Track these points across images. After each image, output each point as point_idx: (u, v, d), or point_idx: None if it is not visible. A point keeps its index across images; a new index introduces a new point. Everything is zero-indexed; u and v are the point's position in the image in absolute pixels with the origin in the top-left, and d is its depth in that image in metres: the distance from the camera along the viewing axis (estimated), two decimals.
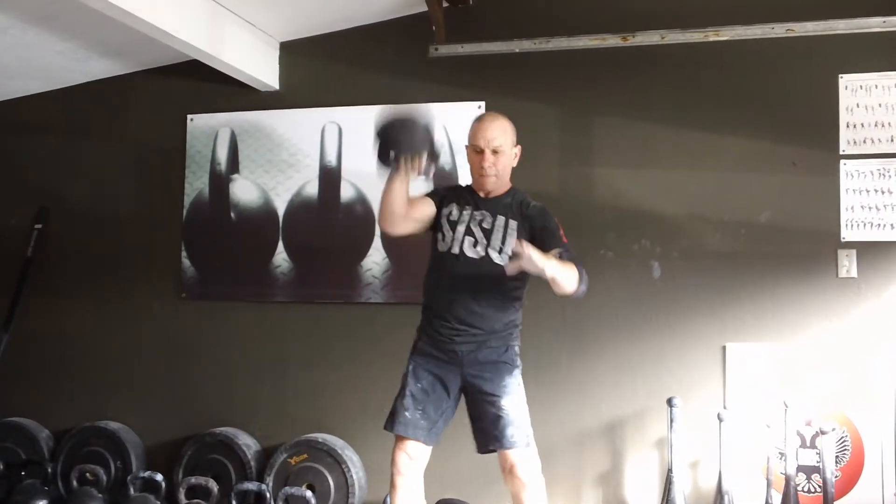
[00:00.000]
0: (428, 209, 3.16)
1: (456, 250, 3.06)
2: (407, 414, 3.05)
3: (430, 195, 3.21)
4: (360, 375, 4.47)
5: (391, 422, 3.08)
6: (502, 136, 3.09)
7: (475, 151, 3.10)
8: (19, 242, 5.05)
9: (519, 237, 2.99)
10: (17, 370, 4.95)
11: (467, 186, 3.24)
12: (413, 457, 3.06)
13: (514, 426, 3.00)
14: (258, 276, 4.73)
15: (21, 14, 4.15)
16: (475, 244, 3.05)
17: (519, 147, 3.17)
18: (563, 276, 2.81)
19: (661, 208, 4.23)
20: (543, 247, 2.87)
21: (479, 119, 3.18)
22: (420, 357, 3.12)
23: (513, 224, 3.07)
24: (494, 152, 3.07)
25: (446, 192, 3.24)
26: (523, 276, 3.01)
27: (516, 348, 3.13)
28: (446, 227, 3.11)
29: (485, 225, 3.08)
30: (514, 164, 3.17)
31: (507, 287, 3.06)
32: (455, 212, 3.13)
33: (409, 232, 3.14)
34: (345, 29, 4.67)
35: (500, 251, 3.03)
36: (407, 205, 3.04)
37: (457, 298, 3.05)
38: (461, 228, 3.08)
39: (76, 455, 4.70)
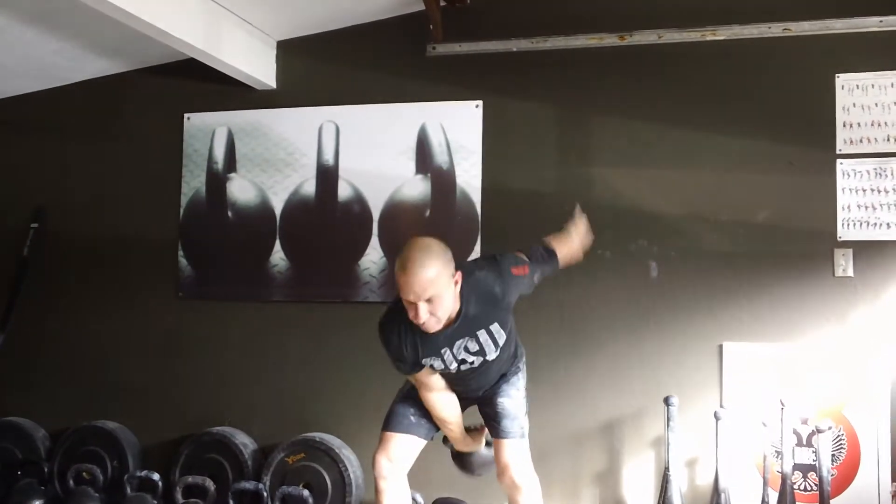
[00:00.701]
0: (434, 376, 3.00)
1: (453, 369, 2.91)
2: (412, 418, 3.06)
3: (413, 367, 2.91)
4: (358, 374, 4.47)
5: (389, 421, 3.08)
6: (432, 285, 2.63)
7: (406, 301, 2.69)
8: (15, 242, 5.04)
9: (507, 328, 2.89)
10: (13, 370, 4.95)
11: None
12: (394, 459, 3.04)
13: (508, 418, 3.01)
14: (255, 276, 4.73)
15: (18, 13, 4.14)
16: (472, 362, 2.91)
17: (459, 273, 2.72)
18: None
19: (658, 208, 4.23)
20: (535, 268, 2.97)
21: (401, 267, 2.65)
22: None
23: (495, 328, 2.85)
24: (429, 300, 2.66)
25: (412, 350, 2.85)
26: (515, 334, 3.03)
27: (520, 364, 3.14)
28: (437, 362, 2.89)
29: (472, 348, 2.86)
30: (457, 290, 2.73)
31: (506, 357, 3.02)
32: (437, 363, 2.88)
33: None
34: (342, 28, 4.66)
35: (496, 349, 2.90)
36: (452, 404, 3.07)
37: (463, 391, 3.07)
38: (454, 365, 2.89)
39: (73, 455, 4.69)
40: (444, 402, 3.02)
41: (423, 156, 4.53)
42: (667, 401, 3.89)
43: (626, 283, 4.23)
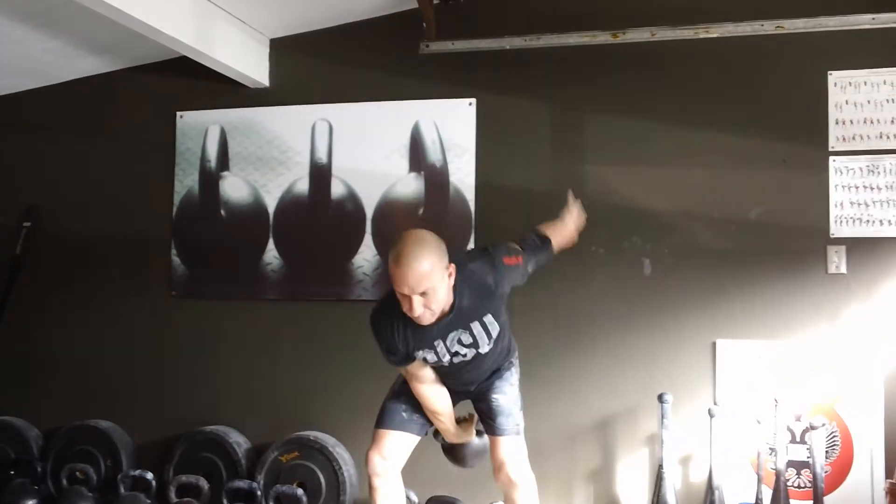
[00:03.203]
0: (425, 369, 3.01)
1: (446, 361, 2.91)
2: (403, 414, 3.06)
3: (405, 359, 2.92)
4: (352, 373, 4.47)
5: (382, 419, 3.08)
6: (426, 279, 2.62)
7: (401, 294, 2.69)
8: (8, 241, 5.03)
9: (500, 320, 2.88)
10: (6, 369, 4.94)
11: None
12: (387, 457, 3.04)
13: (503, 415, 3.02)
14: (248, 274, 4.72)
15: (9, 11, 4.13)
16: (465, 355, 2.91)
17: (452, 266, 2.72)
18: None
19: (651, 205, 4.23)
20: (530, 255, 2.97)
21: (395, 259, 2.64)
22: None
23: (489, 319, 2.85)
24: (423, 294, 2.65)
25: (404, 342, 2.85)
26: (507, 329, 3.02)
27: (513, 359, 3.14)
28: (430, 354, 2.89)
29: (465, 341, 2.86)
30: (451, 283, 2.73)
31: (499, 351, 3.01)
32: (430, 355, 2.87)
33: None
34: (335, 25, 4.66)
35: (489, 343, 2.90)
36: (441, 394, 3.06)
37: (455, 384, 3.07)
38: (447, 358, 2.89)
39: (66, 454, 4.67)
40: (435, 395, 3.02)
41: (417, 154, 4.53)
42: (661, 398, 3.90)
43: (620, 281, 4.24)
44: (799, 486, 3.91)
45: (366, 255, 4.56)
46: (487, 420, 3.06)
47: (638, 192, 4.25)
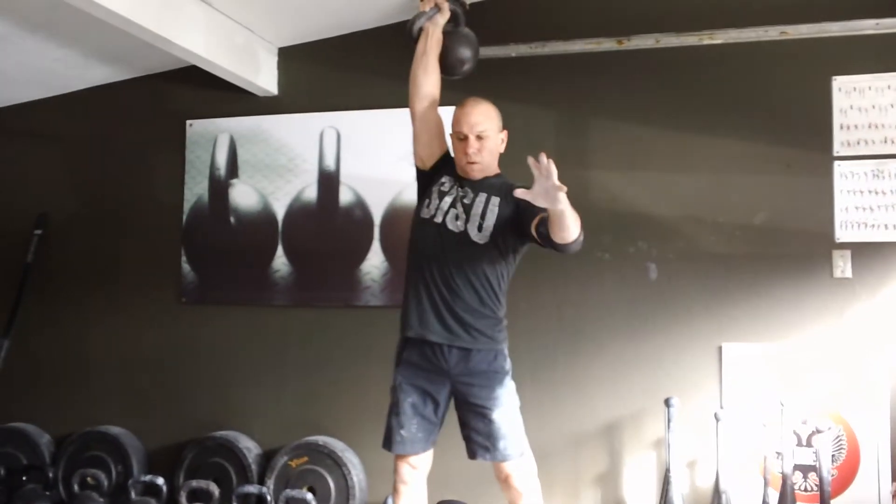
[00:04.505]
0: (435, 110, 3.20)
1: (439, 219, 2.99)
2: (403, 433, 3.00)
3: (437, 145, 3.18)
4: (360, 378, 4.49)
5: (388, 442, 3.05)
6: (486, 120, 2.97)
7: (458, 138, 3.01)
8: (19, 248, 5.07)
9: (499, 214, 2.93)
10: (17, 376, 4.97)
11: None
12: (416, 466, 3.05)
13: (506, 439, 2.93)
14: (258, 281, 4.76)
15: (20, 21, 4.17)
16: (456, 217, 2.98)
17: (505, 132, 3.08)
18: (572, 214, 2.65)
19: (656, 210, 4.25)
20: (535, 212, 2.76)
21: (460, 104, 3.05)
22: (406, 370, 3.03)
23: (494, 200, 2.97)
24: (479, 138, 2.96)
25: (448, 158, 3.16)
26: (502, 262, 2.96)
27: (505, 352, 3.04)
28: (435, 194, 3.05)
29: (465, 201, 3.00)
30: (502, 150, 3.09)
31: (485, 266, 2.95)
32: (448, 184, 3.06)
33: (425, 86, 3.23)
34: (343, 34, 4.69)
35: (480, 228, 2.94)
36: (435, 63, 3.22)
37: (437, 270, 2.96)
38: (448, 199, 3.02)
39: (77, 460, 4.71)
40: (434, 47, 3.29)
41: None
42: (667, 402, 3.91)
43: (625, 285, 4.25)
44: (805, 490, 3.92)
45: (374, 262, 4.59)
46: (487, 445, 2.94)
47: (643, 198, 4.27)
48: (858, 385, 3.92)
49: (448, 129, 3.16)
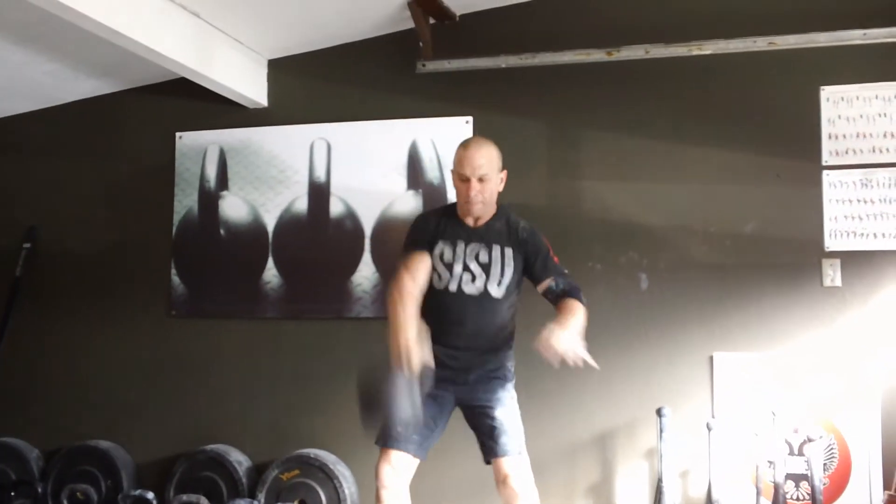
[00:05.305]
0: (426, 269, 3.09)
1: (454, 289, 3.07)
2: (399, 428, 3.05)
3: (420, 244, 3.12)
4: (352, 390, 4.41)
5: (382, 436, 3.09)
6: (488, 163, 3.05)
7: (461, 179, 3.08)
8: (8, 262, 5.04)
9: (515, 266, 3.08)
10: (6, 390, 4.94)
11: (453, 211, 3.19)
12: (398, 469, 3.07)
13: (506, 435, 3.05)
14: (248, 293, 4.74)
15: (8, 34, 4.16)
16: (473, 279, 3.08)
17: (505, 172, 3.16)
18: (581, 321, 2.97)
19: (647, 221, 4.27)
20: (540, 276, 3.08)
21: (464, 145, 3.13)
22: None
23: (508, 253, 3.10)
24: (480, 180, 3.04)
25: (435, 229, 3.15)
26: (515, 298, 3.15)
27: (510, 365, 3.19)
28: (441, 267, 3.10)
29: (481, 259, 3.09)
30: (501, 189, 3.16)
31: (504, 314, 3.13)
32: (448, 252, 3.10)
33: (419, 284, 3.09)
34: (333, 46, 4.70)
35: (500, 283, 3.08)
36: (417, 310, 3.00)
37: (455, 331, 3.08)
38: (458, 267, 3.08)
39: (66, 474, 4.68)
40: (408, 308, 2.94)
41: (415, 172, 4.56)
42: (659, 412, 3.91)
43: (617, 295, 4.26)
44: (798, 499, 3.92)
45: (365, 273, 4.58)
46: (489, 441, 3.07)
47: (634, 208, 4.29)
48: (849, 393, 3.94)
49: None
